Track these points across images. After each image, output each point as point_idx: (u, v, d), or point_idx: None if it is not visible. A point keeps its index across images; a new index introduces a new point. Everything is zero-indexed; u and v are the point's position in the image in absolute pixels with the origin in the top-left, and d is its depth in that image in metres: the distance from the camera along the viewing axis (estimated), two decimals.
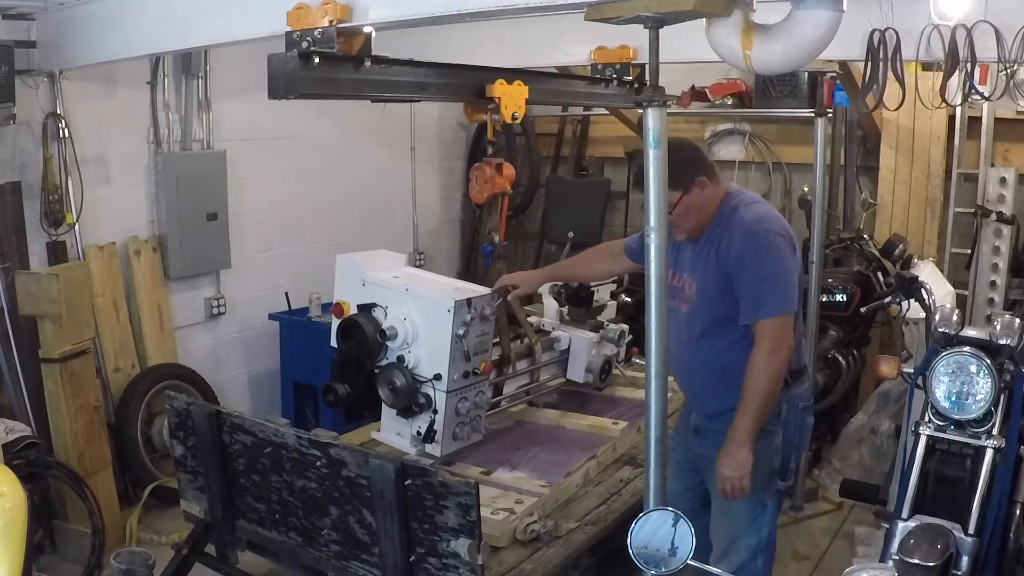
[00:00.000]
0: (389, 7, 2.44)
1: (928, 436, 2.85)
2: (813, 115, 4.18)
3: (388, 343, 3.06)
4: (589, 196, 6.11)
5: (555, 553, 2.78)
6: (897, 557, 2.43)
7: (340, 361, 3.24)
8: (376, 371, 3.14)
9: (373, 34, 2.55)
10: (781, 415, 2.68)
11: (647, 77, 2.58)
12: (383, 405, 3.22)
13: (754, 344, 2.56)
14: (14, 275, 3.86)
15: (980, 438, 2.76)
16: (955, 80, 3.53)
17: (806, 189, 4.57)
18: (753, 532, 2.72)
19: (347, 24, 2.44)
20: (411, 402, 3.01)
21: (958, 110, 5.00)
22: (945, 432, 2.82)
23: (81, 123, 4.26)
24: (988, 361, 2.78)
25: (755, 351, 2.55)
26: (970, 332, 2.95)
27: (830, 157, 5.25)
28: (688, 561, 1.67)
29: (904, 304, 4.04)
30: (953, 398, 2.81)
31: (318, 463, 2.73)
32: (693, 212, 2.64)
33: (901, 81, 3.31)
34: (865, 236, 4.72)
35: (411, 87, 2.77)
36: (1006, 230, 4.97)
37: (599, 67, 3.63)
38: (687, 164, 2.60)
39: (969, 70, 3.36)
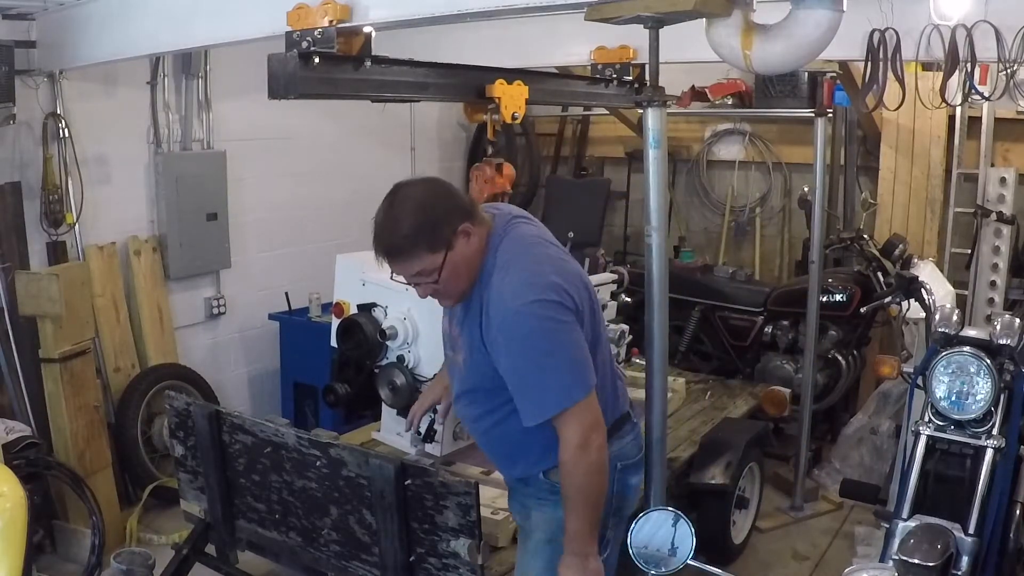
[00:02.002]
0: (389, 7, 2.44)
1: (928, 436, 2.85)
2: (813, 115, 4.19)
3: (388, 343, 3.06)
4: (589, 196, 6.10)
5: None
6: (897, 557, 2.43)
7: (340, 361, 3.24)
8: (376, 371, 3.14)
9: (373, 34, 2.55)
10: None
11: (647, 77, 2.59)
12: (383, 405, 3.22)
13: (559, 440, 2.07)
14: (14, 275, 3.86)
15: (980, 438, 2.77)
16: (955, 80, 3.53)
17: (806, 189, 4.57)
18: None
19: (347, 24, 2.44)
20: (411, 402, 3.01)
21: (958, 110, 5.00)
22: (945, 432, 2.83)
23: (81, 123, 4.26)
24: (988, 361, 2.78)
25: (562, 448, 2.06)
26: (970, 332, 2.95)
27: (830, 157, 5.26)
28: (688, 561, 1.67)
29: (904, 304, 4.04)
30: (953, 398, 2.81)
31: (318, 463, 2.73)
32: (463, 269, 2.11)
33: (901, 81, 3.31)
34: (865, 236, 4.72)
35: (411, 87, 2.77)
36: (1006, 230, 4.97)
37: (599, 67, 3.63)
38: (444, 215, 2.07)
39: (969, 70, 3.35)
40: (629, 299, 4.53)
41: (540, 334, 2.03)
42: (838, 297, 4.69)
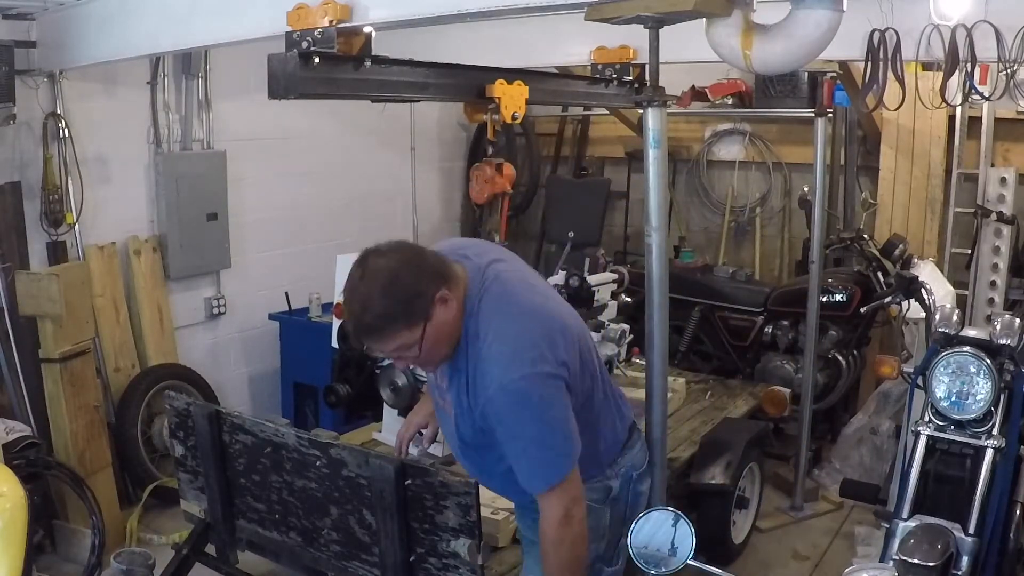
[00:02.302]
0: (389, 7, 2.44)
1: (928, 436, 2.85)
2: (813, 115, 4.18)
3: None
4: (589, 196, 6.11)
5: None
6: (897, 557, 2.43)
7: (341, 361, 3.24)
8: (377, 371, 3.13)
9: (373, 34, 2.55)
10: (611, 493, 2.26)
11: (647, 77, 2.59)
12: (384, 405, 3.22)
13: (540, 511, 2.06)
14: (14, 275, 3.86)
15: (980, 438, 2.77)
16: (955, 80, 3.52)
17: (806, 189, 4.57)
18: None
19: (347, 24, 2.44)
20: (412, 402, 3.01)
21: (958, 110, 4.99)
22: (945, 432, 2.83)
23: (81, 123, 4.26)
24: (988, 361, 2.78)
25: (544, 522, 2.05)
26: (970, 332, 2.95)
27: (830, 157, 5.26)
28: (688, 561, 1.67)
29: (904, 304, 4.04)
30: (953, 398, 2.81)
31: (318, 463, 2.73)
32: (443, 336, 2.02)
33: (901, 81, 3.31)
34: (865, 236, 4.72)
35: (411, 87, 2.77)
36: (1006, 230, 4.97)
37: (599, 67, 3.63)
38: (418, 285, 1.96)
39: (969, 70, 3.35)
40: (629, 299, 4.54)
41: (528, 413, 1.98)
42: (838, 297, 4.69)
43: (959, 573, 2.58)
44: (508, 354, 1.99)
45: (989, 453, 2.73)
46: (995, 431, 2.76)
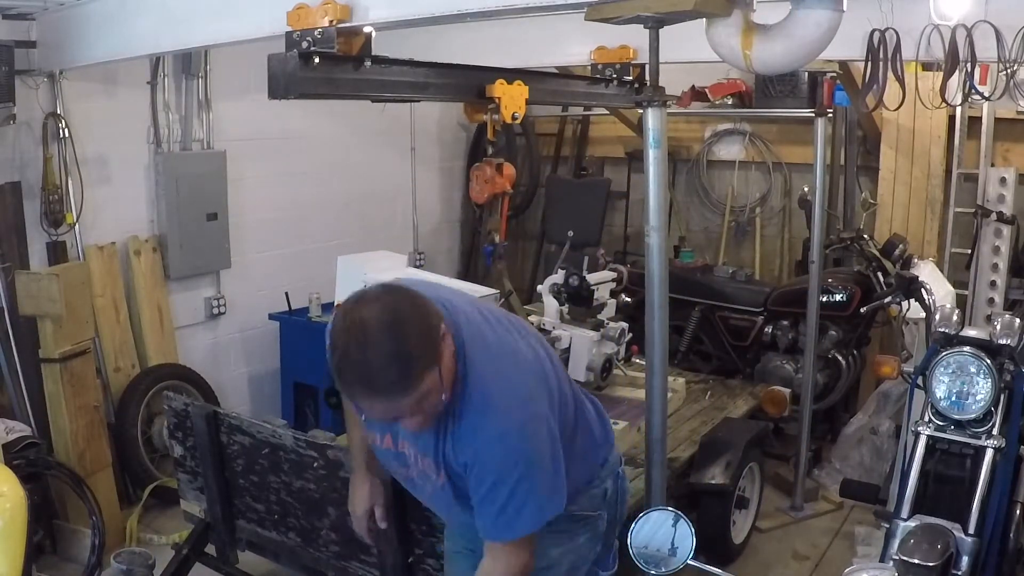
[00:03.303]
0: (389, 7, 2.44)
1: (928, 436, 2.85)
2: (813, 115, 4.18)
3: None
4: (589, 196, 6.11)
5: None
6: (897, 557, 2.43)
7: None
8: None
9: (373, 34, 2.55)
10: (607, 494, 2.14)
11: (647, 77, 2.59)
12: None
13: (487, 559, 1.89)
14: (14, 275, 3.86)
15: (980, 438, 2.77)
16: (955, 80, 3.52)
17: (806, 189, 4.57)
18: None
19: (347, 24, 2.44)
20: None
21: (958, 110, 4.99)
22: (945, 432, 2.83)
23: (81, 123, 4.26)
24: (988, 361, 2.78)
25: (485, 569, 1.89)
26: (970, 332, 2.95)
27: (830, 157, 5.25)
28: (688, 561, 1.67)
29: (904, 304, 4.05)
30: (953, 398, 2.81)
31: (315, 464, 2.74)
32: (447, 379, 1.76)
33: (901, 81, 3.31)
34: (865, 236, 4.72)
35: (411, 87, 2.77)
36: (1006, 230, 4.97)
37: (599, 67, 3.63)
38: (428, 322, 1.71)
39: (969, 70, 3.35)
40: (629, 299, 4.54)
41: (532, 455, 1.82)
42: (838, 297, 4.69)
43: (959, 573, 2.58)
44: (503, 394, 1.81)
45: (989, 453, 2.73)
46: (995, 431, 2.76)
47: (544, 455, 1.84)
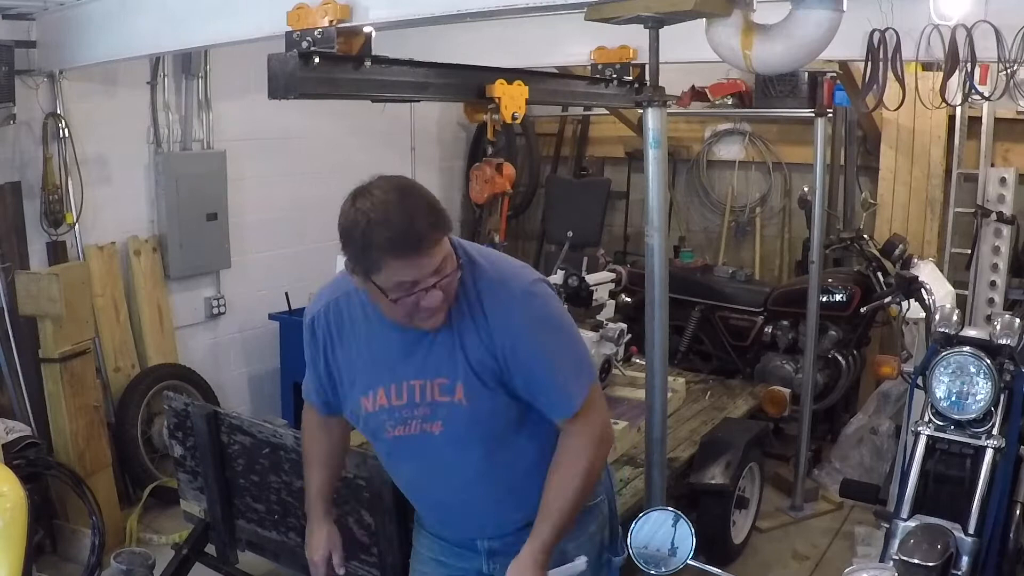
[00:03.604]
0: (389, 7, 2.44)
1: (928, 436, 2.85)
2: (813, 115, 4.19)
3: None
4: (589, 196, 6.11)
5: None
6: (897, 557, 2.43)
7: None
8: None
9: (373, 34, 2.55)
10: (602, 478, 2.07)
11: (647, 77, 2.59)
12: None
13: (571, 435, 1.86)
14: (14, 275, 3.86)
15: (980, 438, 2.77)
16: (955, 80, 3.52)
17: (806, 189, 4.56)
18: None
19: (347, 24, 2.44)
20: None
21: (958, 110, 4.99)
22: (945, 432, 2.83)
23: (81, 123, 4.26)
24: (988, 361, 2.78)
25: (577, 443, 1.85)
26: (970, 332, 2.95)
27: (830, 157, 5.25)
28: (688, 561, 1.67)
29: (904, 304, 4.04)
30: (953, 398, 2.81)
31: None
32: (452, 257, 1.79)
33: (901, 81, 3.31)
34: (865, 236, 4.72)
35: (411, 87, 2.77)
36: (1006, 230, 4.97)
37: (599, 67, 3.63)
38: (428, 194, 1.79)
39: (969, 70, 3.35)
40: (629, 299, 4.54)
41: (560, 314, 1.91)
42: (838, 297, 4.69)
43: (959, 573, 2.58)
44: (512, 266, 1.91)
45: (989, 453, 2.73)
46: (995, 431, 2.76)
47: (566, 313, 1.95)
